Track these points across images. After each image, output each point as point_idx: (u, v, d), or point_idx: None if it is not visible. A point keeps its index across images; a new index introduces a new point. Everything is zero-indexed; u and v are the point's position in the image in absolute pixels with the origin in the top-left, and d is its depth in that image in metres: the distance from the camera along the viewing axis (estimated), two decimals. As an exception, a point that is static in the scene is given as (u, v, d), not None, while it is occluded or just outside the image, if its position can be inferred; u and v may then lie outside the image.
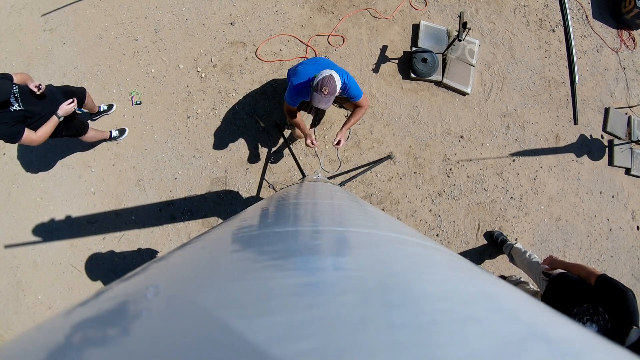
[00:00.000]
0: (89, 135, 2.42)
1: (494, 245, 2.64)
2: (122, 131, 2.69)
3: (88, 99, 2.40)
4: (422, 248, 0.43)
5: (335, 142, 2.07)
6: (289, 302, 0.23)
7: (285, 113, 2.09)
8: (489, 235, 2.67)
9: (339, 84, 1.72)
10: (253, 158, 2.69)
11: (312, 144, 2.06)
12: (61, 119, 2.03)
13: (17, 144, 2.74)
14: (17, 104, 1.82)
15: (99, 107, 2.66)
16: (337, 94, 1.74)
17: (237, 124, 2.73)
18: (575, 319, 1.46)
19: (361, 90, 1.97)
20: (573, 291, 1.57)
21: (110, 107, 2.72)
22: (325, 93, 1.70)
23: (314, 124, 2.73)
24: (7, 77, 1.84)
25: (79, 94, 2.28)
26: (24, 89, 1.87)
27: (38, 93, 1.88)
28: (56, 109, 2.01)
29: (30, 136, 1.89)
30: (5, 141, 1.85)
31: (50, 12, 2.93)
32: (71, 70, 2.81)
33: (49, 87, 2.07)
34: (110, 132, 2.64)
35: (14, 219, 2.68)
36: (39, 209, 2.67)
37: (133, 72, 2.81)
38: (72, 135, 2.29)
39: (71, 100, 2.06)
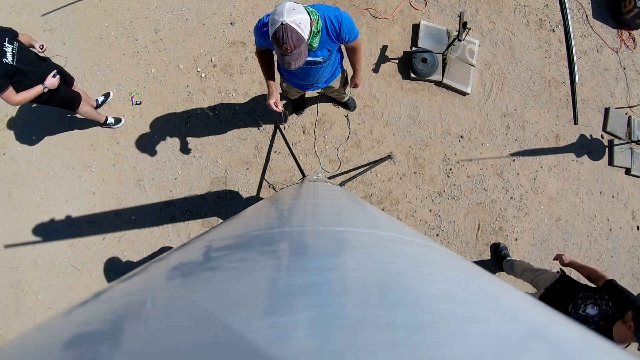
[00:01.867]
0: (84, 110, 2.42)
1: (497, 259, 2.62)
2: (117, 120, 2.71)
3: (77, 89, 2.46)
4: (422, 248, 0.43)
5: (352, 85, 1.99)
6: (289, 302, 0.23)
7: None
8: (495, 247, 2.65)
9: (304, 29, 1.23)
10: (253, 158, 2.69)
11: (275, 105, 1.77)
12: (46, 89, 2.06)
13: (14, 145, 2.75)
14: (11, 59, 1.85)
15: (97, 99, 2.70)
16: (306, 41, 1.27)
17: (237, 124, 2.73)
18: (578, 302, 1.48)
19: (357, 28, 1.56)
20: (578, 287, 1.59)
21: (107, 95, 2.76)
22: (289, 51, 1.23)
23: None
24: (12, 32, 1.91)
25: (69, 77, 2.39)
26: (24, 48, 1.94)
27: (41, 52, 2.00)
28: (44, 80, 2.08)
29: (11, 95, 1.90)
30: None
31: (50, 12, 2.93)
32: (71, 70, 2.81)
33: (48, 60, 2.19)
34: (107, 117, 2.65)
35: (14, 219, 2.68)
36: (39, 209, 2.67)
37: (133, 72, 2.81)
38: (63, 107, 2.31)
39: (56, 75, 2.10)
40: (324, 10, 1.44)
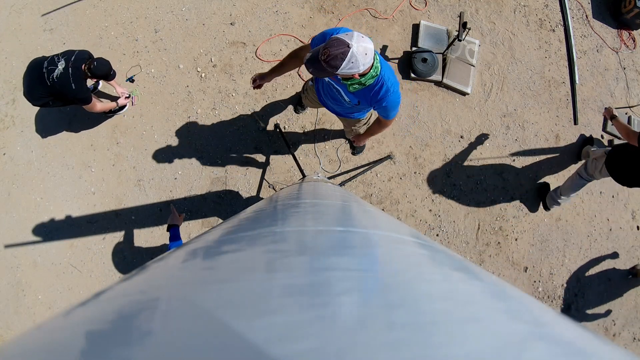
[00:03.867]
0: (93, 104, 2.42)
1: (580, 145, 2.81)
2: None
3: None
4: (422, 248, 0.43)
5: (353, 139, 1.99)
6: (289, 302, 0.23)
7: None
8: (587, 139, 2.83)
9: (349, 63, 1.12)
10: (253, 158, 2.69)
11: (254, 81, 1.78)
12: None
13: (17, 148, 2.75)
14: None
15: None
16: (338, 71, 1.14)
17: (237, 124, 2.73)
18: None
19: (398, 109, 1.48)
20: None
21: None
22: (322, 57, 1.12)
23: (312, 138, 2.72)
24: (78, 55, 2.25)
25: None
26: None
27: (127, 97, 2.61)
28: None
29: (95, 102, 2.36)
30: (81, 103, 2.29)
31: (50, 12, 2.93)
32: (71, 70, 2.81)
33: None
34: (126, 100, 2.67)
35: (14, 219, 2.68)
36: (39, 209, 2.67)
37: (133, 72, 2.81)
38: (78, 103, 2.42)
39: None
40: (385, 74, 1.33)
